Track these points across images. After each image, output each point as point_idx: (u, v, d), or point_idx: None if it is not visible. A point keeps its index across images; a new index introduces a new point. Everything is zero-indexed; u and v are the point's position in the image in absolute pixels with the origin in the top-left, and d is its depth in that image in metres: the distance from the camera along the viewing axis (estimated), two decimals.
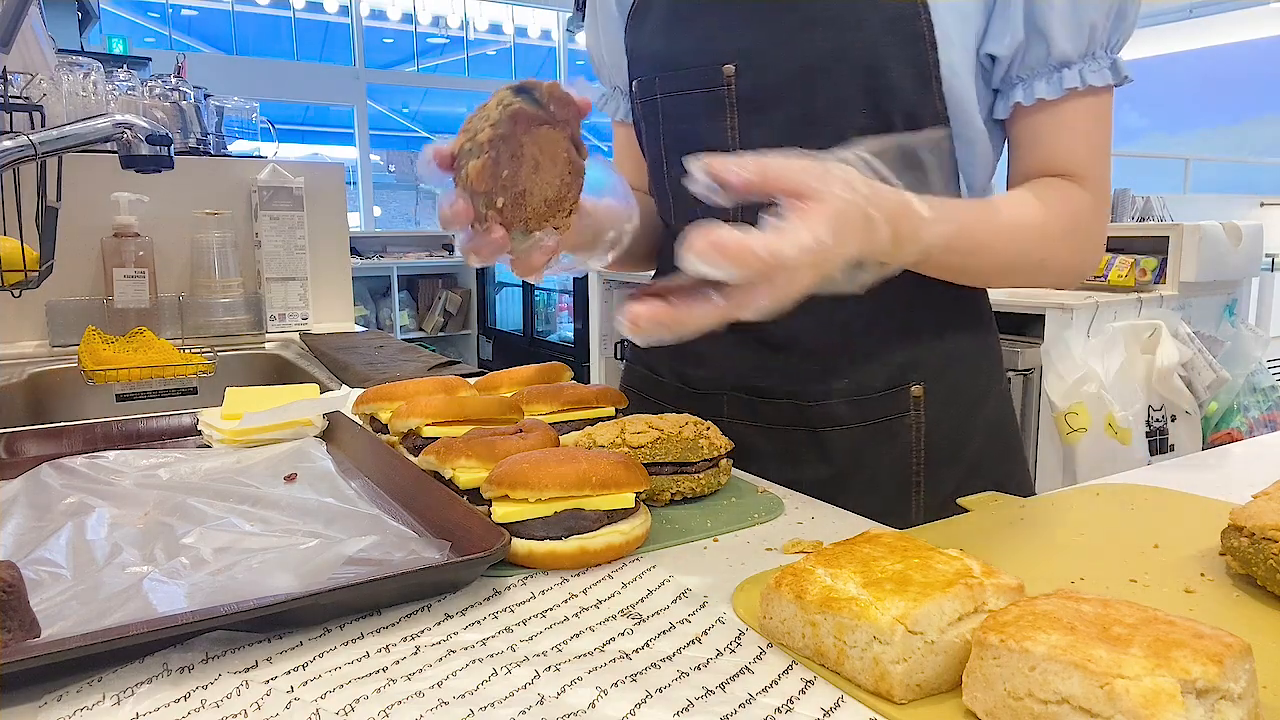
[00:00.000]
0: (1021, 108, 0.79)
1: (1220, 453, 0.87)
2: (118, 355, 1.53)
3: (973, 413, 0.88)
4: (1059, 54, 0.76)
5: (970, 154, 0.83)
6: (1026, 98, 0.78)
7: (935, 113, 0.79)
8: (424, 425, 0.79)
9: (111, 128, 1.09)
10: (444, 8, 9.00)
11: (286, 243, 1.92)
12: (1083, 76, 0.77)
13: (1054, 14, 0.75)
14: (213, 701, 0.44)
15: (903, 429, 0.86)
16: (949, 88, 0.79)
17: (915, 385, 0.85)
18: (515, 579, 0.59)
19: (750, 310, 0.57)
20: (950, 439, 0.86)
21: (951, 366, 0.87)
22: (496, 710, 0.43)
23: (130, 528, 0.65)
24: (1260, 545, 0.52)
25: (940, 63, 0.77)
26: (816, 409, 0.86)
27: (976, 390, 0.88)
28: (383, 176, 10.01)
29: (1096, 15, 0.75)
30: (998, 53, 0.78)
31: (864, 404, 0.85)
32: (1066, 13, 0.75)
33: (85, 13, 4.72)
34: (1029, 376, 2.57)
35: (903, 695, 0.42)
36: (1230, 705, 0.36)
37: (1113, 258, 2.86)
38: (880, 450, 0.85)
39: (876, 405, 0.85)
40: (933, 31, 0.76)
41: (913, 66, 0.77)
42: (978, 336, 0.90)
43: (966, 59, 0.79)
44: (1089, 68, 0.77)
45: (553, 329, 5.65)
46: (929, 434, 0.86)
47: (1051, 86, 0.77)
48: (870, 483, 0.85)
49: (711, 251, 0.54)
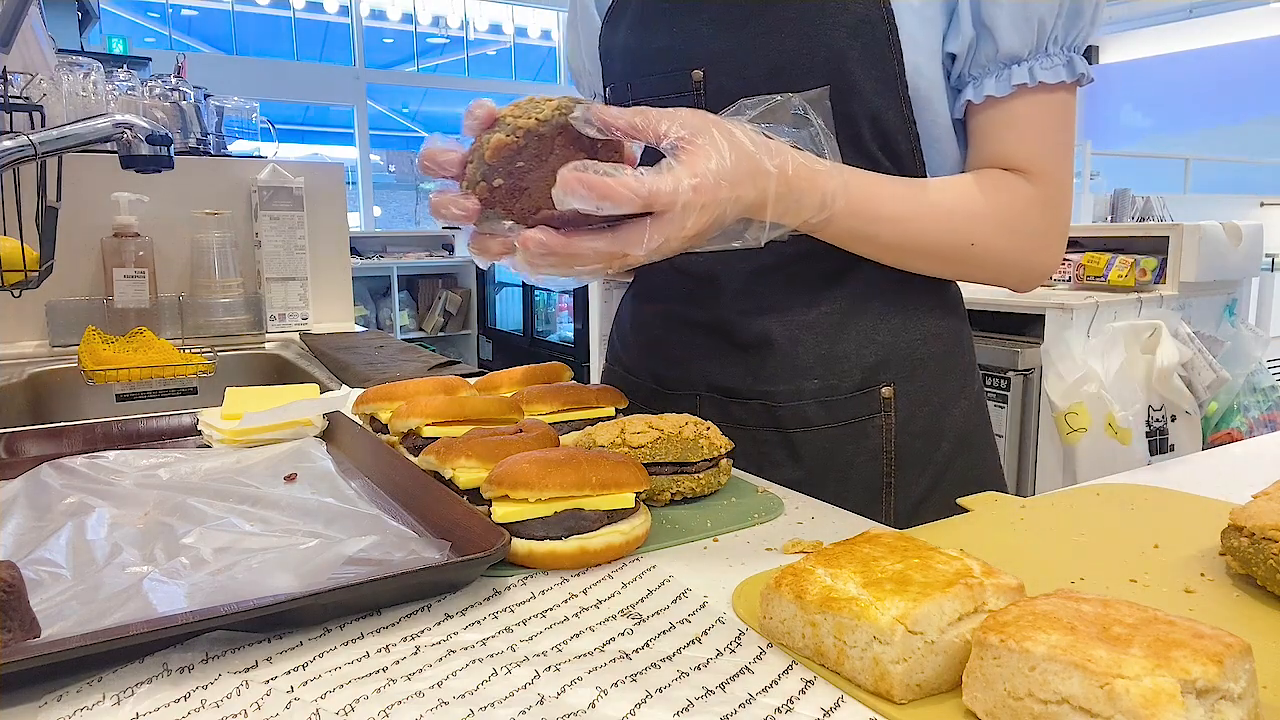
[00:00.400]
0: (973, 105, 0.80)
1: (1220, 453, 0.87)
2: (118, 355, 1.53)
3: (943, 414, 0.88)
4: (1007, 51, 0.77)
5: (937, 154, 0.84)
6: (976, 95, 0.79)
7: (901, 114, 0.80)
8: (424, 425, 0.79)
9: (111, 128, 1.09)
10: (444, 8, 9.00)
11: (286, 243, 1.92)
12: (1032, 73, 0.77)
13: (1001, 11, 0.76)
14: (213, 701, 0.44)
15: (873, 430, 0.86)
16: (914, 89, 0.80)
17: (885, 386, 0.85)
18: (515, 579, 0.59)
19: (639, 246, 0.61)
20: (921, 440, 0.87)
21: (922, 367, 0.87)
22: (496, 710, 0.43)
23: (130, 528, 0.65)
24: (1260, 545, 0.52)
25: (905, 66, 0.78)
26: (787, 410, 0.86)
27: (947, 391, 0.89)
28: (383, 176, 10.01)
29: (1045, 12, 0.75)
30: (954, 51, 0.79)
31: (834, 405, 0.86)
32: (1014, 9, 0.76)
33: (85, 13, 4.71)
34: (1029, 376, 2.57)
35: (903, 695, 0.42)
36: (1230, 705, 0.36)
37: (1113, 258, 2.86)
38: (851, 451, 0.86)
39: (847, 406, 0.86)
40: (897, 35, 0.77)
41: (877, 69, 0.78)
42: (950, 338, 0.90)
43: (932, 62, 0.80)
44: (1040, 64, 0.77)
45: (553, 329, 5.64)
46: (899, 435, 0.86)
47: (1000, 84, 0.78)
48: (842, 484, 0.85)
49: (577, 185, 0.57)
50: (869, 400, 0.85)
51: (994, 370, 2.62)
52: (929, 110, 0.81)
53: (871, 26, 0.77)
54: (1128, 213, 4.78)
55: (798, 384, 0.86)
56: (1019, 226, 0.81)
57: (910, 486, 0.86)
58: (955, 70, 0.81)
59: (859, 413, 0.85)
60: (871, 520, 0.70)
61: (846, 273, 0.85)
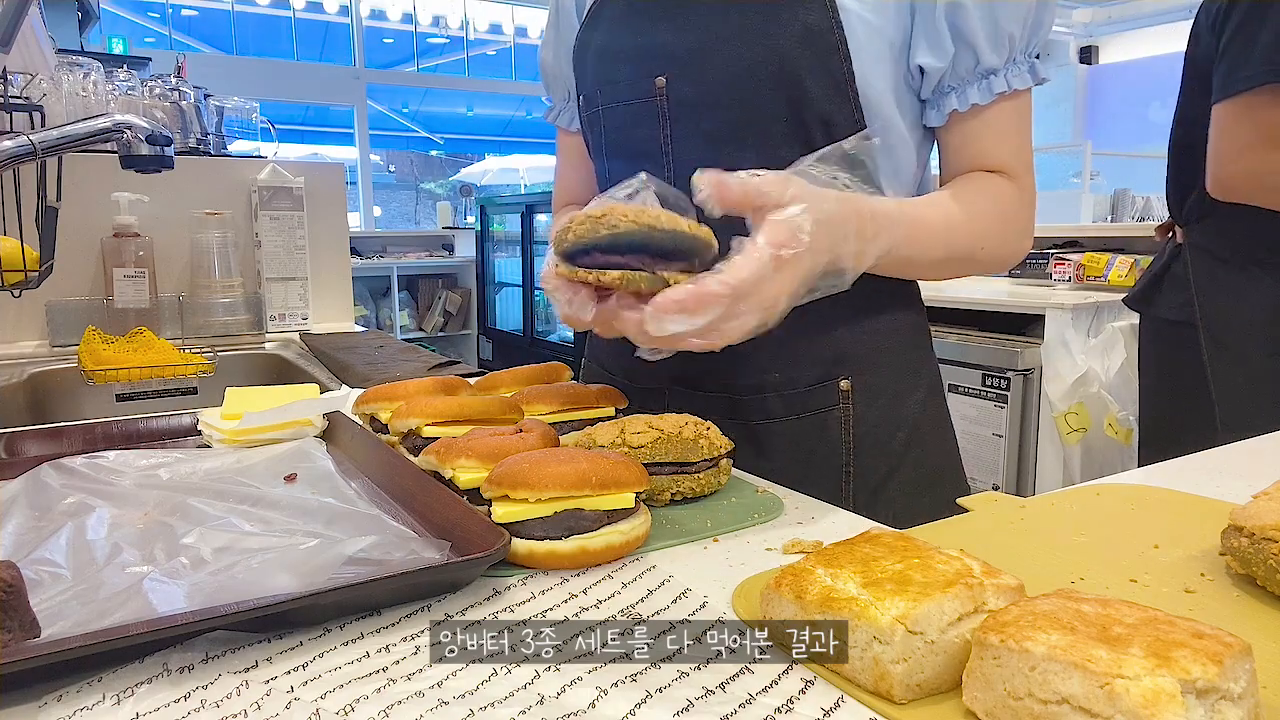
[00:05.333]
0: (956, 114, 0.85)
1: (1220, 453, 0.87)
2: (118, 355, 1.53)
3: (899, 404, 0.91)
4: (986, 63, 0.82)
5: (890, 159, 0.88)
6: (961, 104, 0.84)
7: (852, 119, 0.83)
8: (424, 425, 0.79)
9: (111, 128, 1.09)
10: (444, 8, 8.99)
11: (286, 243, 1.92)
12: (1008, 81, 0.83)
13: (978, 27, 0.81)
14: (213, 701, 0.44)
15: (833, 421, 0.89)
16: (864, 97, 0.83)
17: (844, 379, 0.89)
18: (515, 579, 0.59)
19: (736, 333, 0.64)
20: (878, 430, 0.90)
21: (879, 361, 0.90)
22: (496, 710, 0.43)
23: (130, 528, 0.65)
24: (1260, 545, 0.52)
25: (855, 73, 0.82)
26: (749, 402, 0.90)
27: (904, 383, 0.92)
28: (383, 176, 10.02)
29: (1014, 27, 0.82)
30: (928, 65, 0.83)
31: (794, 398, 0.89)
32: (989, 26, 0.81)
33: (85, 13, 4.71)
34: (1029, 376, 2.57)
35: (903, 695, 0.42)
36: (1230, 705, 0.36)
37: (1113, 258, 2.86)
38: (813, 441, 0.89)
39: (807, 399, 0.89)
40: (845, 44, 0.81)
41: (828, 76, 0.82)
42: (906, 331, 0.93)
43: (882, 69, 0.83)
44: (1011, 72, 0.83)
45: (553, 329, 5.64)
46: (858, 425, 0.89)
47: (982, 93, 0.83)
48: (803, 472, 0.87)
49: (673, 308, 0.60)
50: (828, 393, 0.89)
51: (994, 370, 2.62)
52: (879, 117, 0.84)
53: (821, 35, 0.80)
54: (1128, 213, 4.78)
55: (759, 378, 0.89)
56: (1010, 226, 0.87)
57: (869, 474, 0.90)
58: (928, 83, 0.85)
59: (818, 405, 0.89)
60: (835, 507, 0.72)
61: None
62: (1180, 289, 1.68)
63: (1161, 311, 1.74)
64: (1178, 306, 1.68)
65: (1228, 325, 1.58)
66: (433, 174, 11.20)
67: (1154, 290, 1.76)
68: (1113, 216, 4.77)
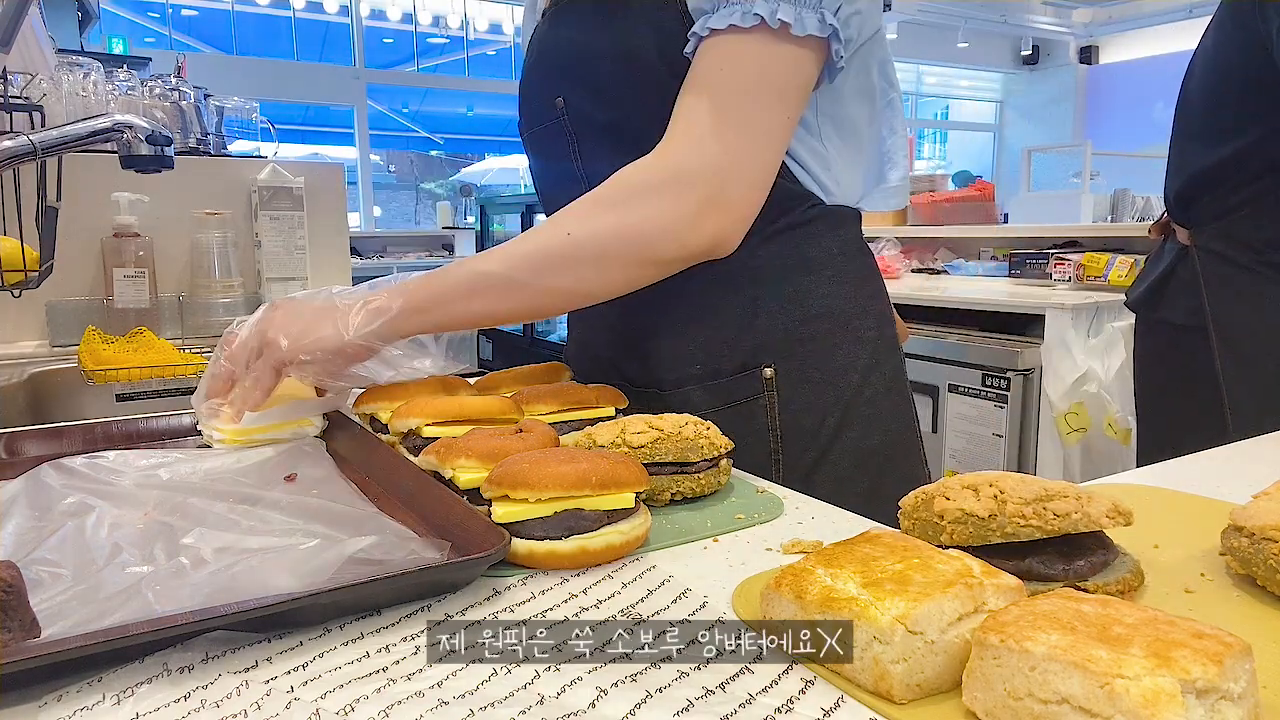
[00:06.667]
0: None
1: (1220, 453, 0.87)
2: (118, 355, 1.53)
3: (827, 389, 0.91)
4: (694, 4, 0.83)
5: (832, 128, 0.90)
6: (690, 51, 0.83)
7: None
8: (424, 425, 0.79)
9: (111, 128, 1.09)
10: (444, 8, 9.00)
11: (286, 243, 1.92)
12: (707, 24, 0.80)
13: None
14: (213, 701, 0.44)
15: (759, 409, 0.90)
16: None
17: (767, 367, 0.90)
18: (515, 579, 0.59)
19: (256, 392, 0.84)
20: (805, 415, 0.90)
21: (803, 347, 0.90)
22: (496, 710, 0.43)
23: (130, 528, 0.65)
24: (1260, 545, 0.52)
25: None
26: (673, 396, 0.92)
27: (833, 367, 0.91)
28: (383, 176, 10.02)
29: None
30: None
31: (717, 389, 0.91)
32: None
33: (85, 13, 4.71)
34: (1029, 376, 2.57)
35: (903, 695, 0.42)
36: (1230, 705, 0.36)
37: (1113, 258, 2.86)
38: (741, 431, 0.87)
39: (731, 389, 0.90)
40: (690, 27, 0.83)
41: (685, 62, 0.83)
42: (836, 316, 0.92)
43: None
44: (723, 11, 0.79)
45: (553, 329, 5.64)
46: (783, 412, 0.90)
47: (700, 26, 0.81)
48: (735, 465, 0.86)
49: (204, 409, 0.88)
50: (752, 381, 0.90)
51: (994, 370, 2.62)
52: None
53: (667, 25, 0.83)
54: (1128, 213, 4.78)
55: (682, 370, 0.91)
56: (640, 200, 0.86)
57: (797, 460, 0.90)
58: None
59: (743, 394, 0.90)
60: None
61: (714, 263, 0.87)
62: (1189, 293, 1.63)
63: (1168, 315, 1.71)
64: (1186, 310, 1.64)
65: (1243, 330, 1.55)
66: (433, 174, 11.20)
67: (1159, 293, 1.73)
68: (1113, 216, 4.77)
